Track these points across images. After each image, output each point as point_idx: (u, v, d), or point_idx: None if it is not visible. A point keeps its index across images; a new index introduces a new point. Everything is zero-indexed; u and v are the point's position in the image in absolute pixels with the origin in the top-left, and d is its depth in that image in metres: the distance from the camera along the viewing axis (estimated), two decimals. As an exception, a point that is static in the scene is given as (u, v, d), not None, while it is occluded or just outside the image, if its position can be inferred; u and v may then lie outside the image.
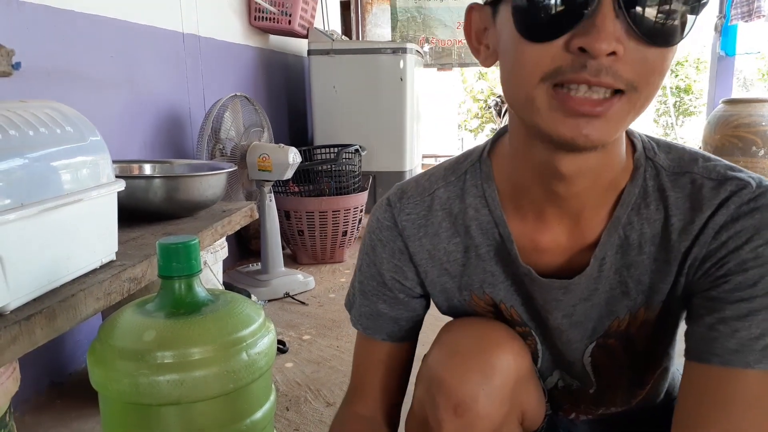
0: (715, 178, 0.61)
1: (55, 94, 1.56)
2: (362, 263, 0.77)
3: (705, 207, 0.61)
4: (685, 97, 8.90)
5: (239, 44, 2.84)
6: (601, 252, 0.64)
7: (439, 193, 0.71)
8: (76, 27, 1.62)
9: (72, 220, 0.90)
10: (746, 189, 0.60)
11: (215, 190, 1.44)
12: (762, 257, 0.57)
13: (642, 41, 0.50)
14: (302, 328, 1.99)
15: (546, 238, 0.66)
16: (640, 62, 0.51)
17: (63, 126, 0.93)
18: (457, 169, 0.72)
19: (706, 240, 0.60)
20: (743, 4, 4.64)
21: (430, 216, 0.71)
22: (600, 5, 0.48)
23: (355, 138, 3.12)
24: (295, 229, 2.68)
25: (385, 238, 0.73)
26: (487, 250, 0.69)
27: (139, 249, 1.16)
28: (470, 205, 0.69)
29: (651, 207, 0.63)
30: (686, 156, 0.64)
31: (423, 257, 0.72)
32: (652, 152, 0.65)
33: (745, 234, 0.58)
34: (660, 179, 0.63)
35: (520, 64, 0.53)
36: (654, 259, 0.64)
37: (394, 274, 0.74)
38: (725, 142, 4.41)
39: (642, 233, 0.63)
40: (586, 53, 0.49)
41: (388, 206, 0.73)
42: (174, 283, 0.68)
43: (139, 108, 1.97)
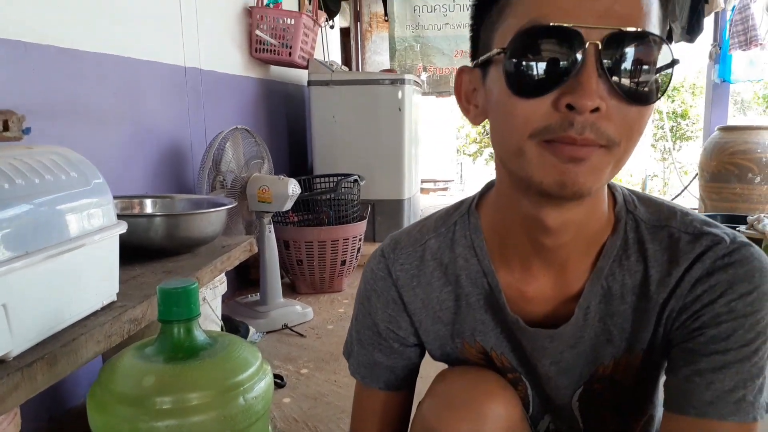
0: (691, 233, 0.64)
1: (58, 131, 1.59)
2: (358, 313, 0.79)
3: (682, 260, 0.63)
4: (681, 122, 8.97)
5: (240, 76, 2.88)
6: (585, 302, 0.66)
7: (430, 243, 0.74)
8: (81, 65, 1.66)
9: (75, 264, 0.91)
10: (721, 244, 0.62)
11: (215, 227, 1.46)
12: (735, 311, 0.59)
13: (623, 100, 0.53)
14: (300, 361, 1.99)
15: (532, 287, 0.68)
16: (621, 119, 0.54)
17: (68, 172, 0.95)
18: (447, 220, 0.74)
19: (683, 293, 0.63)
20: (740, 34, 4.71)
21: (423, 266, 0.73)
22: (585, 66, 0.52)
23: (354, 167, 3.15)
24: (294, 258, 2.70)
25: (380, 288, 0.75)
26: (477, 299, 0.71)
27: (140, 289, 1.18)
28: (460, 255, 0.72)
29: (631, 258, 0.66)
30: (665, 210, 0.67)
31: (417, 306, 0.74)
32: (633, 205, 0.68)
33: (720, 288, 0.61)
34: (640, 232, 0.66)
35: (511, 118, 0.57)
36: (635, 309, 0.66)
37: (389, 324, 0.75)
38: (721, 168, 4.45)
39: (623, 284, 0.66)
40: (572, 110, 0.52)
41: (382, 257, 0.76)
42: (173, 327, 0.69)
43: (141, 142, 2.00)
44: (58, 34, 1.56)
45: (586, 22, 0.51)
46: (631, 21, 0.52)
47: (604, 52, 0.52)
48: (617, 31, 0.52)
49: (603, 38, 0.52)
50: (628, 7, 0.52)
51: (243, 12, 2.90)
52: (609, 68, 0.52)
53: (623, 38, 0.52)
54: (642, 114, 0.55)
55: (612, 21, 0.52)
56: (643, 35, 0.53)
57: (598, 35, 0.52)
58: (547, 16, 0.53)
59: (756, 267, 0.61)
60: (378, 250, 0.77)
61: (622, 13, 0.52)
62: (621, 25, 0.52)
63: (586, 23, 0.52)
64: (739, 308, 0.60)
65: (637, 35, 0.52)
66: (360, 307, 0.78)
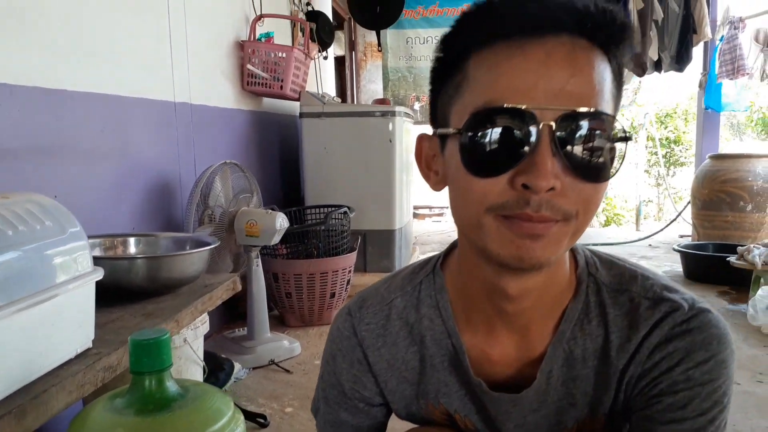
0: (651, 298, 0.65)
1: (44, 172, 1.59)
2: (324, 371, 0.78)
3: (641, 326, 0.63)
4: (675, 148, 9.04)
5: (232, 108, 2.91)
6: (548, 366, 0.66)
7: (396, 302, 0.74)
8: (67, 105, 1.67)
9: (48, 315, 0.91)
10: (679, 311, 0.63)
11: (197, 267, 1.46)
12: (692, 380, 0.60)
13: (577, 178, 0.54)
14: (285, 399, 1.97)
15: (496, 350, 0.68)
16: (576, 195, 0.55)
17: (42, 221, 0.95)
18: (413, 279, 0.74)
19: (642, 359, 0.63)
20: (728, 63, 4.79)
21: (389, 325, 0.73)
22: (539, 146, 0.53)
23: (345, 198, 3.16)
24: (283, 291, 2.69)
25: (345, 348, 0.75)
26: (441, 360, 0.71)
27: (117, 333, 1.17)
28: (425, 316, 0.72)
29: (593, 323, 0.66)
30: (626, 273, 0.67)
31: (382, 367, 0.74)
32: (594, 268, 0.68)
33: (677, 355, 0.61)
34: (601, 295, 0.66)
35: (468, 193, 0.57)
36: (597, 373, 0.66)
37: (354, 384, 0.75)
38: (713, 196, 4.47)
39: (585, 348, 0.66)
40: (528, 189, 0.53)
41: (349, 315, 0.76)
42: (145, 379, 0.69)
43: (128, 178, 2.01)
44: (44, 75, 1.58)
45: (539, 103, 0.52)
46: (584, 100, 0.53)
47: (558, 132, 0.53)
48: (571, 111, 0.53)
49: (557, 118, 0.52)
50: (581, 87, 0.53)
51: (235, 46, 2.94)
52: (563, 148, 0.53)
53: (577, 118, 0.53)
54: (597, 189, 0.56)
55: (565, 101, 0.53)
56: (596, 115, 0.54)
57: (551, 116, 0.52)
58: (501, 98, 0.53)
59: (714, 334, 0.62)
60: (345, 307, 0.77)
61: (575, 93, 0.53)
62: (574, 105, 0.53)
63: (540, 104, 0.52)
64: (696, 377, 0.60)
65: (590, 115, 0.53)
66: (326, 365, 0.78)
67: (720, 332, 0.62)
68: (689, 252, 3.87)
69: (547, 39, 0.53)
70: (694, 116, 6.18)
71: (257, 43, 3.01)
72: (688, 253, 3.85)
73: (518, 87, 0.53)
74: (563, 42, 0.53)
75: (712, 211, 4.52)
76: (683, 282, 3.77)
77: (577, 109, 0.53)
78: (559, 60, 0.53)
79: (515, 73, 0.53)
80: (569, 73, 0.53)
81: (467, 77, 0.57)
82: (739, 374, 2.26)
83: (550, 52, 0.53)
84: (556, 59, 0.53)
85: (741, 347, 2.56)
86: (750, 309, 2.83)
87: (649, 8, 4.67)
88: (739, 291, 3.40)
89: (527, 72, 0.53)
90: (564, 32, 0.53)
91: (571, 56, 0.53)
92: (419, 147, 0.67)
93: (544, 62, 0.53)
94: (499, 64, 0.54)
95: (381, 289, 0.76)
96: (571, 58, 0.53)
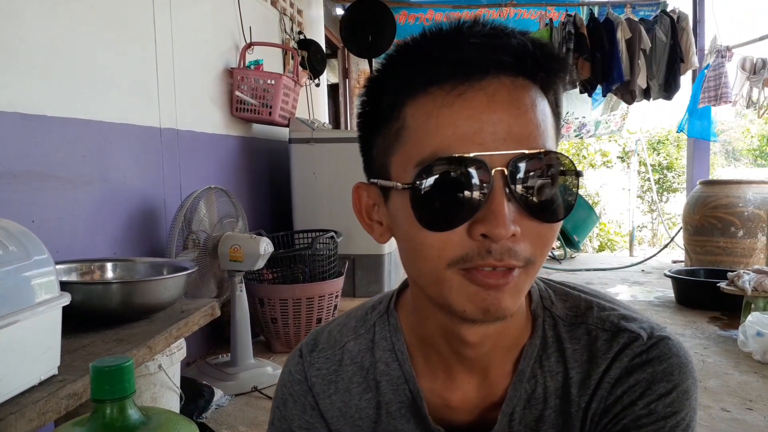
0: (608, 329, 0.62)
1: (20, 196, 1.59)
2: (274, 417, 0.73)
3: (600, 360, 0.61)
4: (668, 174, 9.08)
5: (220, 134, 2.92)
6: (509, 407, 0.63)
7: (349, 346, 0.70)
8: (47, 131, 1.68)
9: (8, 341, 0.90)
10: (637, 341, 0.60)
11: (172, 292, 1.44)
12: (655, 413, 0.57)
13: (535, 219, 0.53)
14: (266, 426, 1.93)
15: (456, 395, 0.65)
16: (535, 237, 0.53)
17: (6, 246, 0.94)
18: (366, 320, 0.71)
19: (603, 395, 0.60)
20: (711, 89, 4.85)
21: (341, 371, 0.69)
22: (494, 193, 0.51)
23: (334, 222, 3.16)
24: (269, 316, 2.67)
25: (296, 393, 0.70)
26: (398, 407, 0.67)
27: (85, 360, 1.15)
28: (380, 359, 0.68)
29: (552, 359, 0.63)
30: (582, 305, 0.65)
31: (334, 415, 0.69)
32: (549, 301, 0.66)
33: (639, 389, 0.59)
34: (558, 330, 0.64)
35: (424, 250, 0.54)
36: (559, 413, 0.63)
37: (306, 431, 0.70)
38: (704, 222, 4.48)
39: (546, 386, 0.63)
40: (488, 238, 0.51)
41: (300, 358, 0.71)
42: (106, 407, 0.68)
43: (111, 204, 2.01)
44: (23, 100, 1.59)
45: (488, 149, 0.50)
46: (531, 141, 0.51)
47: (510, 176, 0.51)
48: (520, 154, 0.51)
49: (507, 163, 0.50)
50: (526, 127, 0.51)
51: (224, 73, 2.97)
52: (517, 192, 0.51)
53: (527, 160, 0.51)
54: (553, 230, 0.55)
55: (513, 144, 0.51)
56: (546, 154, 0.52)
57: (502, 160, 0.50)
58: (448, 147, 0.51)
59: (674, 363, 0.59)
60: (297, 349, 0.73)
61: (522, 135, 0.51)
62: (523, 147, 0.51)
63: (489, 149, 0.50)
64: (659, 410, 0.58)
65: (540, 155, 0.52)
66: (276, 411, 0.73)
67: (681, 360, 0.60)
68: (680, 278, 3.86)
69: (488, 81, 0.51)
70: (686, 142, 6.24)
71: (246, 70, 3.04)
72: (680, 279, 3.85)
73: (464, 134, 0.51)
74: (503, 83, 0.52)
75: (703, 236, 4.52)
76: (675, 308, 3.75)
77: (527, 151, 0.51)
78: (501, 102, 0.51)
79: (459, 121, 0.51)
80: (513, 114, 0.51)
81: (405, 126, 0.54)
82: (729, 401, 2.24)
83: (492, 96, 0.51)
84: (499, 102, 0.51)
85: (731, 373, 2.54)
86: (740, 335, 2.81)
87: (638, 38, 4.75)
88: (731, 317, 3.39)
89: (471, 118, 0.51)
90: (503, 73, 0.52)
91: (513, 97, 0.52)
92: (357, 197, 0.63)
93: (488, 106, 0.51)
94: (440, 112, 0.52)
95: (334, 331, 0.72)
96: (513, 99, 0.52)
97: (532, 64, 0.52)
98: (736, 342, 2.84)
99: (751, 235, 4.36)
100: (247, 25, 3.16)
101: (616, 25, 4.76)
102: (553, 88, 0.55)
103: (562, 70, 0.55)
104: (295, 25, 4.08)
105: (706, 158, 5.58)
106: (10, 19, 1.56)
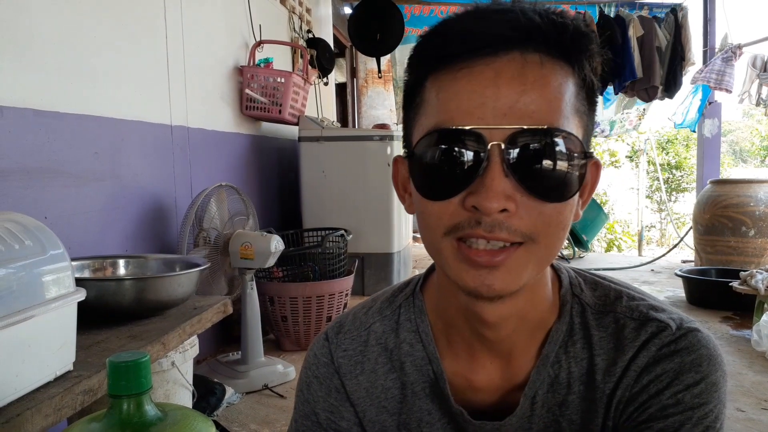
0: (637, 318, 0.62)
1: (33, 193, 1.59)
2: (298, 401, 0.74)
3: (627, 348, 0.61)
4: (677, 173, 9.03)
5: (230, 132, 2.92)
6: (531, 390, 0.63)
7: (374, 327, 0.71)
8: (59, 127, 1.68)
9: (25, 336, 0.89)
10: (666, 331, 0.60)
11: (186, 289, 1.44)
12: (682, 403, 0.57)
13: (534, 197, 0.52)
14: (278, 425, 1.93)
15: (479, 376, 0.65)
16: (536, 216, 0.53)
17: (22, 241, 0.94)
18: (392, 302, 0.71)
19: (629, 383, 0.60)
20: (714, 73, 4.77)
21: (367, 352, 0.70)
22: (489, 167, 0.51)
23: (343, 221, 3.15)
24: (279, 315, 2.66)
25: (322, 375, 0.71)
26: (422, 388, 0.68)
27: (100, 356, 1.15)
28: (405, 341, 0.69)
29: (577, 345, 0.63)
30: (611, 294, 0.65)
31: (360, 395, 0.70)
32: (579, 289, 0.66)
33: (666, 378, 0.58)
34: (585, 317, 0.64)
35: (425, 218, 0.56)
36: (583, 399, 0.63)
37: (330, 414, 0.71)
38: (715, 222, 4.44)
39: (570, 372, 0.63)
40: (479, 210, 0.51)
41: (326, 341, 0.72)
42: (123, 402, 0.67)
43: (122, 201, 2.01)
44: (36, 96, 1.59)
45: (488, 123, 0.51)
46: (537, 117, 0.51)
47: (507, 151, 0.51)
48: (520, 129, 0.51)
49: (506, 138, 0.51)
50: (533, 104, 0.51)
51: (234, 71, 2.96)
52: (515, 167, 0.51)
53: (527, 136, 0.51)
54: (559, 210, 0.54)
55: (514, 120, 0.51)
56: (549, 132, 0.51)
57: (501, 135, 0.51)
58: (450, 120, 0.52)
59: (704, 355, 0.59)
60: (323, 332, 0.74)
61: (526, 110, 0.51)
62: (525, 123, 0.51)
63: (489, 124, 0.51)
64: (687, 400, 0.57)
65: (543, 132, 0.51)
66: (300, 394, 0.74)
67: (710, 352, 0.59)
68: (691, 277, 3.83)
69: (497, 58, 0.52)
70: (695, 142, 6.19)
71: (256, 68, 3.03)
72: (691, 278, 3.81)
73: (466, 108, 0.52)
74: (513, 59, 0.52)
75: (714, 236, 4.49)
76: (686, 307, 3.72)
77: (528, 127, 0.51)
78: (508, 78, 0.51)
79: (463, 95, 0.52)
80: (519, 90, 0.51)
81: (423, 100, 0.56)
82: (744, 401, 2.21)
83: (499, 71, 0.51)
84: (504, 77, 0.51)
85: (745, 373, 2.51)
86: (754, 335, 2.78)
87: (653, 35, 4.71)
88: (743, 317, 3.35)
89: (474, 93, 0.52)
90: (514, 49, 0.52)
91: (520, 73, 0.51)
92: (395, 169, 0.65)
93: (493, 81, 0.51)
94: (448, 86, 0.53)
95: (359, 313, 0.73)
96: (521, 74, 0.51)
97: (543, 39, 0.52)
98: (749, 342, 2.81)
99: (763, 234, 4.32)
100: (257, 24, 3.15)
101: (627, 22, 4.74)
102: (579, 65, 0.54)
103: (578, 44, 0.54)
104: (303, 23, 4.07)
105: (717, 157, 5.54)
106: (24, 15, 1.56)
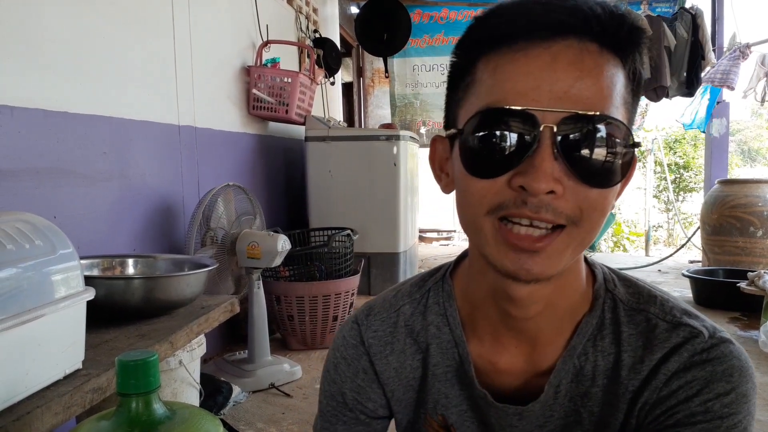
0: (669, 321, 0.62)
1: (43, 192, 1.60)
2: (324, 382, 0.76)
3: (656, 349, 0.61)
4: (684, 174, 8.98)
5: (237, 132, 2.93)
6: (556, 379, 0.64)
7: (404, 309, 0.72)
8: (68, 127, 1.69)
9: (35, 335, 0.90)
10: (699, 338, 0.60)
11: (194, 288, 1.44)
12: (711, 412, 0.57)
13: (580, 182, 0.53)
14: (284, 424, 1.94)
15: (503, 359, 0.66)
16: (581, 200, 0.53)
17: (32, 240, 0.95)
18: (422, 286, 0.73)
19: (658, 385, 0.60)
20: (719, 72, 4.76)
21: (396, 333, 0.71)
22: (539, 148, 0.52)
23: (349, 220, 3.16)
24: (285, 314, 2.67)
25: (350, 356, 0.73)
26: (444, 371, 0.69)
27: (109, 354, 1.16)
28: (431, 323, 0.70)
29: (606, 340, 0.64)
30: (645, 293, 0.65)
31: (390, 375, 0.72)
32: (612, 284, 0.66)
33: (696, 385, 0.58)
34: (617, 312, 0.64)
35: (467, 196, 0.57)
36: (605, 392, 0.63)
37: (356, 394, 0.73)
38: (723, 222, 4.42)
39: (596, 365, 0.63)
40: (526, 191, 0.52)
41: (355, 323, 0.73)
42: (131, 401, 0.68)
43: (131, 200, 2.02)
44: (46, 97, 1.60)
45: (542, 106, 0.52)
46: (590, 104, 0.52)
47: (559, 134, 0.51)
48: (573, 114, 0.51)
49: (558, 121, 0.51)
50: (587, 90, 0.52)
51: (241, 71, 2.97)
52: (565, 151, 0.52)
53: (581, 121, 0.52)
54: (604, 195, 0.54)
55: (568, 104, 0.52)
56: (602, 118, 0.52)
57: (553, 118, 0.51)
58: (504, 100, 0.53)
59: (735, 366, 0.59)
60: (350, 317, 0.76)
61: (580, 96, 0.52)
62: (578, 108, 0.51)
63: (542, 106, 0.52)
64: (716, 409, 0.57)
65: (595, 118, 0.52)
66: (326, 374, 0.75)
67: (742, 364, 0.59)
68: (699, 278, 3.81)
69: (554, 42, 0.53)
70: (703, 141, 6.15)
71: (263, 68, 3.04)
72: (698, 279, 3.80)
73: (521, 89, 0.52)
74: (570, 45, 0.53)
75: (722, 236, 4.46)
76: (693, 308, 3.70)
77: (580, 112, 0.51)
78: (564, 63, 0.52)
79: (518, 76, 0.53)
80: (575, 76, 0.52)
81: (474, 80, 0.57)
82: (751, 403, 2.20)
83: (555, 55, 0.52)
84: (561, 62, 0.52)
85: (752, 375, 2.50)
86: (762, 335, 2.77)
87: (662, 35, 4.68)
88: (750, 317, 3.34)
89: (530, 75, 0.52)
90: (571, 35, 0.53)
91: (577, 59, 0.52)
92: (433, 149, 0.66)
93: (549, 65, 0.52)
94: (504, 67, 0.54)
95: (389, 296, 0.75)
96: (578, 61, 0.52)
97: (601, 29, 0.53)
98: (757, 343, 2.80)
99: (771, 234, 4.30)
100: (264, 24, 3.16)
101: (635, 22, 4.71)
102: (630, 58, 0.55)
103: (633, 39, 0.55)
104: (310, 23, 4.08)
105: (725, 157, 5.52)
106: (33, 16, 1.57)
